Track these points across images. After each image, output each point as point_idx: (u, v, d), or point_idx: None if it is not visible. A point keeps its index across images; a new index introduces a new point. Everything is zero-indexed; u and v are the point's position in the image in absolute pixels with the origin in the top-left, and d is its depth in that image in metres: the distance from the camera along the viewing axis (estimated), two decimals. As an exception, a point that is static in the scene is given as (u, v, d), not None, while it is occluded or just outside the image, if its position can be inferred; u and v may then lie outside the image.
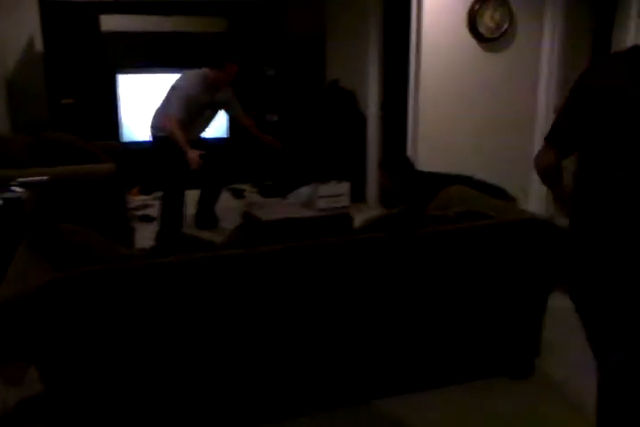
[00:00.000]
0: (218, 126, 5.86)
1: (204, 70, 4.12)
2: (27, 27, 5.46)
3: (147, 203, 5.29)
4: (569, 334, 2.77)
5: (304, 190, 5.30)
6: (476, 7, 4.28)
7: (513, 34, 4.42)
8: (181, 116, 3.97)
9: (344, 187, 5.24)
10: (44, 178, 3.31)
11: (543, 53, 4.41)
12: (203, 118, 4.29)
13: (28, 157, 3.91)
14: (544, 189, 4.39)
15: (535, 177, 4.75)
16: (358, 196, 5.39)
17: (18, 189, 3.03)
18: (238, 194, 5.61)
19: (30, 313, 1.74)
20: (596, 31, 4.61)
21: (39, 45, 5.45)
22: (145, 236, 4.22)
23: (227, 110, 4.57)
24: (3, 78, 5.37)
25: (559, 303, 2.58)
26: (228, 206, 5.02)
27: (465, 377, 2.40)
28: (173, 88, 4.14)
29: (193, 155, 3.87)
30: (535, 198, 4.57)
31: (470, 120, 4.49)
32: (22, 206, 2.81)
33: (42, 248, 2.00)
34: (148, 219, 4.85)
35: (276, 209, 4.77)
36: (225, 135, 5.89)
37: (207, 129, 4.46)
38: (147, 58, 5.62)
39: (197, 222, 4.60)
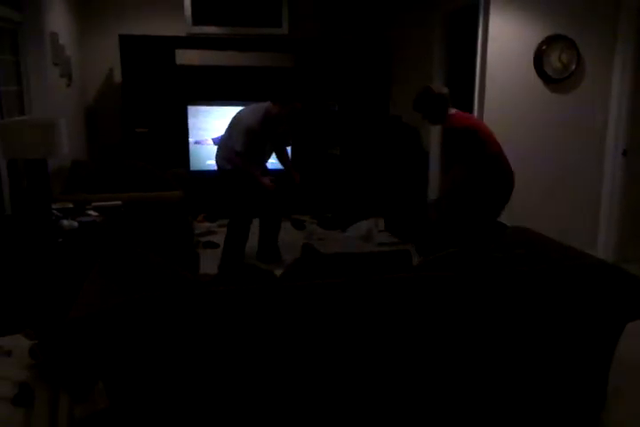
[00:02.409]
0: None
1: (268, 105, 4.19)
2: (108, 59, 5.82)
3: (211, 229, 5.44)
4: (636, 385, 2.66)
5: (363, 224, 5.33)
6: (543, 47, 4.27)
7: (581, 75, 4.38)
8: (244, 150, 4.10)
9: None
10: (118, 203, 3.47)
11: (612, 95, 4.34)
12: (264, 151, 4.39)
13: (103, 182, 4.12)
14: (613, 235, 4.33)
15: (604, 222, 4.60)
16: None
17: (93, 212, 3.19)
18: (299, 225, 5.69)
19: (99, 332, 1.82)
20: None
21: (118, 77, 5.79)
22: (209, 262, 4.33)
23: (281, 144, 4.63)
24: (83, 107, 5.70)
25: (626, 351, 2.50)
26: (289, 238, 5.09)
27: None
28: (236, 121, 4.23)
29: (266, 180, 4.18)
30: (603, 245, 4.43)
31: (537, 163, 4.44)
32: (97, 230, 2.95)
33: (114, 272, 2.09)
34: (212, 245, 4.98)
35: (335, 242, 4.81)
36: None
37: (268, 160, 4.56)
38: (217, 91, 5.85)
39: (259, 256, 4.62)
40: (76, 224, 2.95)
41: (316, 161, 6.08)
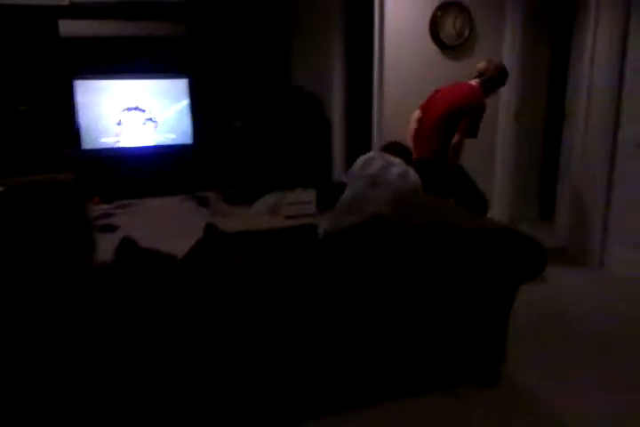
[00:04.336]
0: (182, 132, 5.81)
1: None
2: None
3: (109, 212, 5.18)
4: (534, 340, 2.83)
5: (270, 198, 5.26)
6: (438, 14, 4.31)
7: (474, 41, 4.47)
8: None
9: (310, 194, 5.21)
10: (0, 189, 3.21)
11: (504, 58, 4.46)
12: None
13: (-18, 166, 3.79)
14: (507, 196, 4.55)
15: (499, 183, 4.78)
16: (325, 203, 5.37)
17: (-30, 200, 2.92)
18: (203, 201, 5.53)
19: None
20: (555, 39, 4.70)
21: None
22: (109, 246, 4.11)
23: None
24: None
25: (522, 309, 2.63)
26: (193, 215, 4.95)
27: (433, 387, 2.39)
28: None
29: None
30: (498, 206, 4.62)
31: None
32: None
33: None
34: (110, 228, 4.74)
35: (240, 218, 4.72)
36: (190, 142, 5.82)
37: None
38: (105, 63, 5.51)
39: None
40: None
41: (218, 135, 5.91)
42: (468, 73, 4.16)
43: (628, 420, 2.26)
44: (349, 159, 5.21)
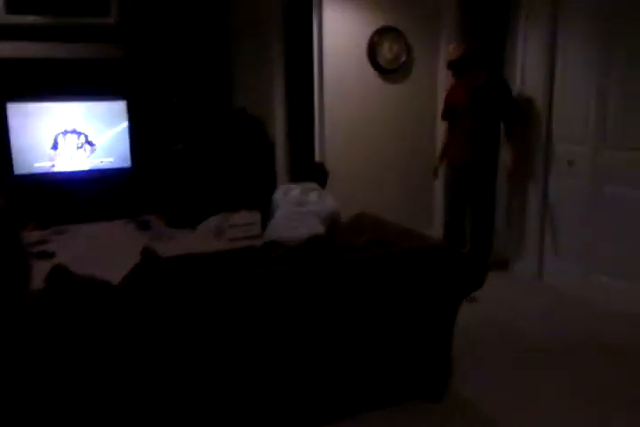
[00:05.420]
0: (121, 155, 5.68)
1: None
2: None
3: (44, 238, 4.96)
4: (478, 354, 2.86)
5: (213, 220, 5.18)
6: (375, 39, 4.41)
7: (411, 65, 4.59)
8: None
9: (255, 216, 5.15)
10: None
11: (438, 83, 4.60)
12: None
13: None
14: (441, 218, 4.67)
15: (438, 206, 4.89)
16: (269, 224, 5.33)
17: None
18: (144, 225, 5.39)
19: None
20: (488, 65, 4.87)
21: None
22: (42, 274, 3.93)
23: None
24: None
25: (465, 323, 2.66)
26: (133, 239, 4.80)
27: (382, 403, 2.38)
28: None
29: None
30: (438, 225, 4.70)
31: (373, 151, 4.61)
32: None
33: None
34: (45, 255, 4.55)
35: (184, 241, 4.63)
36: (129, 165, 5.69)
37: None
38: (39, 86, 5.35)
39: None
40: None
41: (158, 157, 5.80)
42: (406, 96, 4.27)
43: (570, 423, 2.30)
44: (293, 179, 5.21)
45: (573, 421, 2.34)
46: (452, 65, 3.88)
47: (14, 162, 5.19)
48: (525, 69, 4.02)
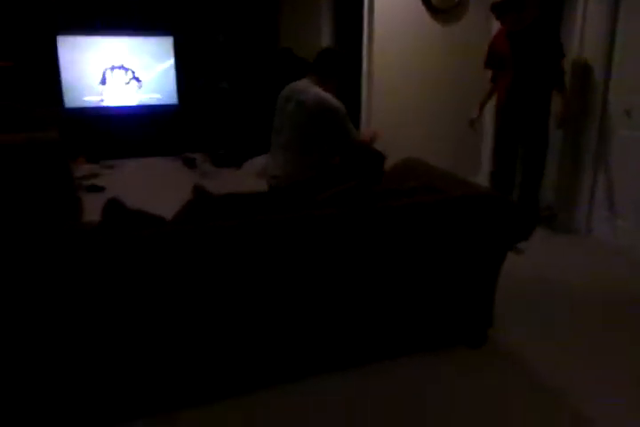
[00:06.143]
0: (168, 92, 5.70)
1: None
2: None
3: (94, 172, 5.11)
4: (520, 304, 2.88)
5: (258, 160, 5.22)
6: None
7: (466, 5, 4.39)
8: None
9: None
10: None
11: (494, 27, 4.40)
12: None
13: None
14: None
15: (485, 150, 4.75)
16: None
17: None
18: (191, 163, 5.48)
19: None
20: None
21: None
22: (95, 206, 4.07)
23: None
24: None
25: (510, 279, 2.67)
26: (181, 177, 4.90)
27: (422, 348, 2.45)
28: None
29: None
30: (484, 175, 4.64)
31: (422, 97, 4.50)
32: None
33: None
34: (95, 189, 4.69)
35: (229, 180, 4.69)
36: (175, 102, 5.72)
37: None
38: (89, 20, 5.34)
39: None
40: None
41: (204, 96, 5.81)
42: (459, 37, 4.10)
43: (612, 378, 2.32)
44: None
45: (619, 377, 2.33)
46: (494, 7, 3.67)
47: (64, 95, 5.28)
48: (586, 20, 3.80)
